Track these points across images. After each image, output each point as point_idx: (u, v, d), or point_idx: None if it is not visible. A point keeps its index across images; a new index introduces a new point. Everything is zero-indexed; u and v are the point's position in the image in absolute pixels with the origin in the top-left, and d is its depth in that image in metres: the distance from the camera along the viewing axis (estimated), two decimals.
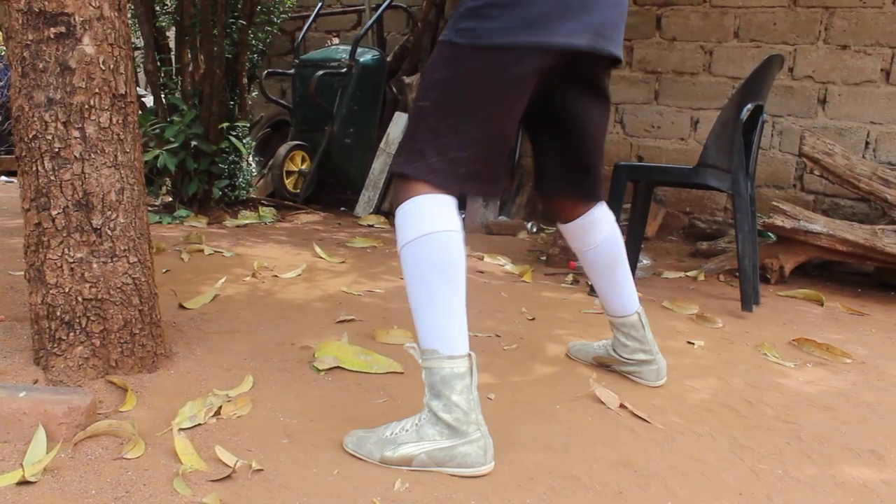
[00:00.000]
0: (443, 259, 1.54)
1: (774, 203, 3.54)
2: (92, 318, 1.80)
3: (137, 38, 4.64)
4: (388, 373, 2.05)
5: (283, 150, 4.98)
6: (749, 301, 2.98)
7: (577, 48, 1.56)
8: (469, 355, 1.55)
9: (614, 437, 1.76)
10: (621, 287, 2.02)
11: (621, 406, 1.92)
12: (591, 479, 1.55)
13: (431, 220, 1.53)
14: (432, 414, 1.55)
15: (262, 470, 1.48)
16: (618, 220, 3.18)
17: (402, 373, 2.06)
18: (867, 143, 4.28)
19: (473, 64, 1.53)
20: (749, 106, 2.96)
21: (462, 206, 5.04)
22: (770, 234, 3.77)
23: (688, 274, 3.69)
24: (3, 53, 6.28)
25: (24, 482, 1.37)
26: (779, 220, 3.47)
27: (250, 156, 4.71)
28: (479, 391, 1.96)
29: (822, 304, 3.22)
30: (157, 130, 4.27)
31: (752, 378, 2.22)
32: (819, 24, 4.35)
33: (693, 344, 2.51)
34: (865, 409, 2.04)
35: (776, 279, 3.57)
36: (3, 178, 5.94)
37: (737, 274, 3.13)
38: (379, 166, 5.06)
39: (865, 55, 4.24)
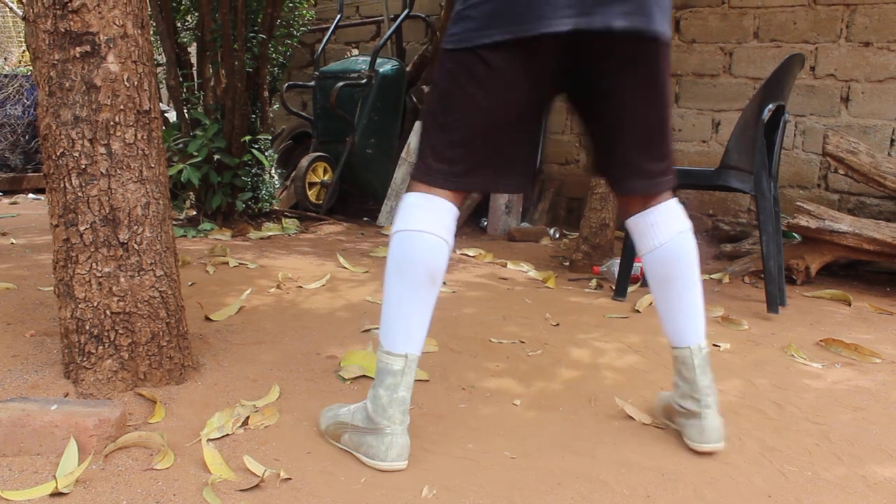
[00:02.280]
0: (402, 257, 1.57)
1: (799, 203, 3.52)
2: (120, 331, 1.83)
3: (159, 54, 4.70)
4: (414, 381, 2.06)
5: (305, 161, 5.02)
6: (775, 302, 2.96)
7: (556, 33, 1.44)
8: (405, 356, 1.57)
9: (641, 440, 1.76)
10: (675, 309, 1.72)
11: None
12: (619, 483, 1.54)
13: (407, 218, 1.58)
14: (366, 400, 1.62)
15: (290, 479, 1.49)
16: None
17: (427, 380, 2.07)
18: (892, 140, 4.24)
19: (454, 65, 1.54)
20: (770, 106, 2.95)
21: (484, 213, 5.06)
22: (795, 235, 3.75)
23: (712, 276, 3.66)
24: (29, 73, 6.39)
25: (56, 493, 1.39)
26: (803, 221, 3.44)
27: (273, 168, 4.75)
28: (504, 396, 1.98)
29: (849, 304, 3.19)
30: (181, 145, 4.32)
31: (779, 380, 2.21)
32: (840, 21, 4.32)
33: (719, 346, 2.50)
34: (895, 409, 2.02)
35: (802, 280, 3.54)
36: (31, 195, 6.03)
37: (762, 275, 3.12)
38: (401, 176, 5.08)
39: (889, 52, 4.20)
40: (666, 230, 1.70)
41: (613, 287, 3.20)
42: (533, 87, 1.55)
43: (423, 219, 1.57)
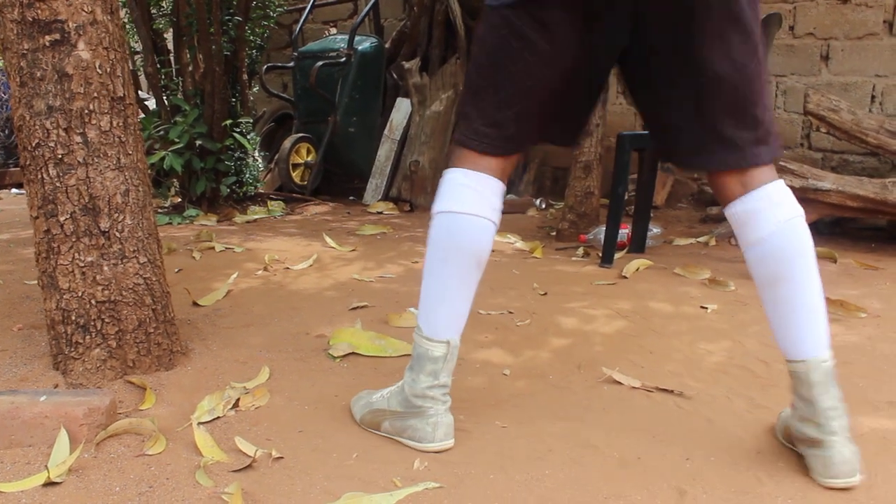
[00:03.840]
0: (449, 242, 1.50)
1: (782, 163, 3.52)
2: (106, 320, 1.83)
3: (136, 42, 4.66)
4: (403, 356, 2.06)
5: (287, 143, 5.00)
6: None
7: None
8: (447, 342, 1.53)
9: (630, 404, 1.77)
10: (787, 314, 1.44)
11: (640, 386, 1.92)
12: (609, 446, 1.56)
13: (451, 198, 1.49)
14: (401, 385, 1.59)
15: (282, 458, 1.50)
16: (624, 190, 3.20)
17: None
18: (873, 96, 4.25)
19: (499, 22, 1.41)
20: None
21: None
22: None
23: (699, 240, 3.68)
24: (2, 67, 6.33)
25: (49, 483, 1.39)
26: (787, 180, 3.40)
27: (256, 151, 4.74)
28: (493, 367, 1.99)
29: (835, 261, 3.21)
30: (162, 132, 4.30)
31: (767, 338, 2.22)
32: None
33: (706, 308, 2.51)
34: (882, 361, 2.04)
35: None
36: (14, 190, 5.99)
37: None
38: (384, 153, 5.06)
39: (867, 8, 4.19)
40: (770, 218, 1.41)
41: (600, 254, 3.21)
42: (586, 46, 1.41)
43: (471, 200, 1.48)
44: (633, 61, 1.48)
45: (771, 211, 1.41)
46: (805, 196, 3.45)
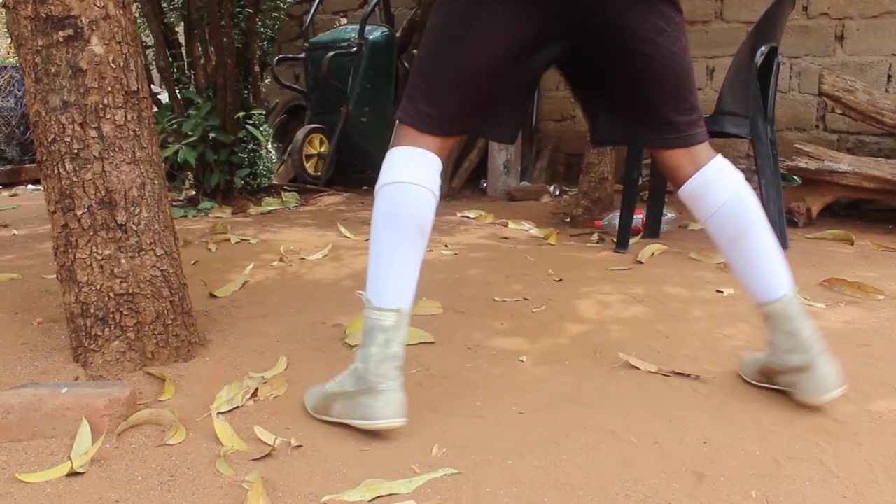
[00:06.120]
0: (391, 209, 1.54)
1: (797, 145, 3.50)
2: (125, 312, 1.84)
3: (147, 36, 4.67)
4: (419, 343, 2.07)
5: (300, 134, 5.00)
6: None
7: None
8: (398, 311, 1.54)
9: (647, 389, 1.77)
10: (757, 262, 1.63)
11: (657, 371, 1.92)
12: (627, 431, 1.56)
13: (393, 171, 1.56)
14: (354, 365, 1.58)
15: (301, 446, 1.51)
16: (638, 175, 3.19)
17: (433, 342, 2.08)
18: (889, 76, 4.20)
19: (450, 10, 1.54)
20: (763, 49, 2.92)
21: (483, 174, 5.05)
22: (795, 178, 3.74)
23: None
24: (17, 64, 6.37)
25: (73, 473, 1.41)
26: (802, 162, 3.43)
27: (269, 143, 4.74)
28: (510, 354, 2.00)
29: (851, 244, 3.19)
30: (175, 126, 4.31)
31: None
32: None
33: (722, 292, 2.51)
34: None
35: (804, 222, 3.54)
36: (31, 186, 6.03)
37: None
38: None
39: None
40: (724, 185, 1.62)
41: (615, 240, 3.21)
42: (530, 36, 1.53)
43: (410, 171, 1.55)
44: (578, 59, 1.63)
45: (722, 180, 1.63)
46: (821, 178, 3.44)
